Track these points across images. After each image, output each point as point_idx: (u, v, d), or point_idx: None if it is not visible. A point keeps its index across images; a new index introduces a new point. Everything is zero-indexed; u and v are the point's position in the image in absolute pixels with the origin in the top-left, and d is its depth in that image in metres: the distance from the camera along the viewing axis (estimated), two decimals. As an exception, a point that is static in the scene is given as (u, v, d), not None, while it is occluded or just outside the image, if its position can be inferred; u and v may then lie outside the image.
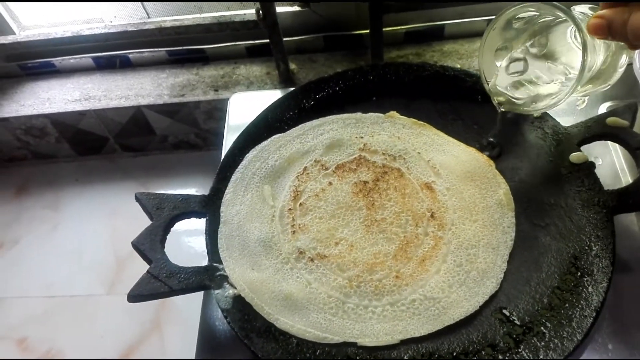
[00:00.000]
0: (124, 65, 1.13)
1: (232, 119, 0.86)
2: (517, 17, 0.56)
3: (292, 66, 1.03)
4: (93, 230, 1.11)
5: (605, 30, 0.46)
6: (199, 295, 0.87)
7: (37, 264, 1.09)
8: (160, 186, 1.12)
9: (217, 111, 1.05)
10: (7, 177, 1.25)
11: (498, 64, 0.60)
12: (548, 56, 0.59)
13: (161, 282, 0.56)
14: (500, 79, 0.61)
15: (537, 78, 0.60)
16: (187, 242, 0.97)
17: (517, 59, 0.60)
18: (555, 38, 0.58)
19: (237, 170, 0.67)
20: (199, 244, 0.65)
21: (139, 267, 0.96)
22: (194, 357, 0.63)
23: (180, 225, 0.64)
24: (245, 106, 0.87)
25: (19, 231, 1.14)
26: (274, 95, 0.89)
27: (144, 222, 1.09)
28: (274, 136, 0.70)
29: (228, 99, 0.91)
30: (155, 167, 1.19)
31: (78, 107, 1.08)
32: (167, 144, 1.17)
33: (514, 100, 0.60)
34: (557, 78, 0.58)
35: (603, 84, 0.57)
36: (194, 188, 1.13)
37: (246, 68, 1.07)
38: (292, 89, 0.77)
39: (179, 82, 1.08)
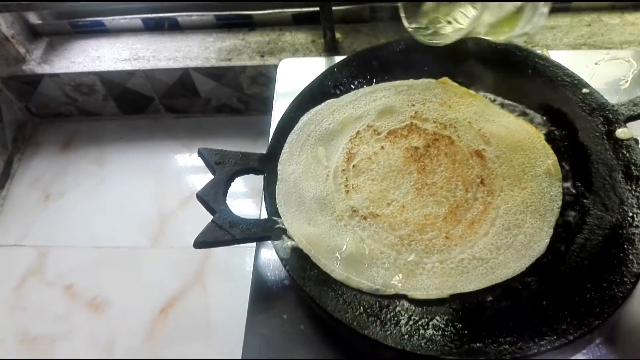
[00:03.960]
0: (172, 27, 1.16)
1: (280, 83, 0.89)
2: None
3: (337, 35, 1.05)
4: (137, 186, 1.15)
5: None
6: (239, 251, 0.92)
7: (83, 216, 1.13)
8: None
9: (261, 77, 1.08)
10: (54, 132, 1.29)
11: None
12: None
13: (225, 231, 0.60)
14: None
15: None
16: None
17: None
18: None
19: (292, 131, 0.71)
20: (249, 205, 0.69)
21: (182, 223, 1.01)
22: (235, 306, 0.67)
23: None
24: (293, 72, 0.90)
25: (65, 184, 1.19)
26: (322, 62, 0.92)
27: (187, 179, 1.14)
28: (327, 101, 0.73)
29: (274, 65, 0.94)
30: (197, 128, 1.23)
31: (127, 66, 1.12)
32: (209, 107, 1.21)
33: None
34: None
35: (528, 25, 0.73)
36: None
37: (291, 35, 1.10)
38: (343, 56, 0.79)
39: (226, 46, 1.10)
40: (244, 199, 1.08)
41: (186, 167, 1.16)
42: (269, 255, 0.69)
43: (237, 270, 0.92)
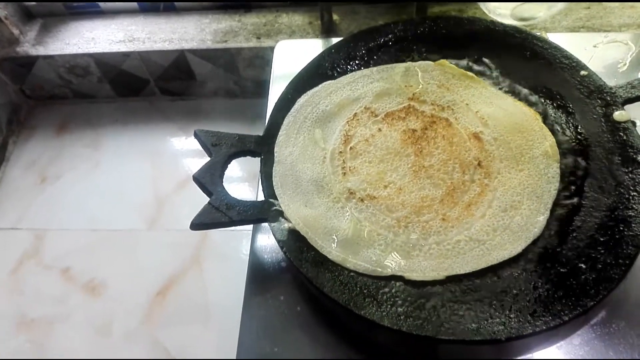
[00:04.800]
0: (168, 9, 1.15)
1: (277, 65, 0.89)
2: None
3: (335, 17, 1.04)
4: (133, 169, 1.15)
5: None
6: (236, 234, 0.92)
7: (79, 199, 1.13)
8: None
9: (258, 59, 1.08)
10: (48, 114, 1.28)
11: None
12: None
13: (222, 213, 0.60)
14: None
15: None
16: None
17: None
18: None
19: (289, 113, 0.70)
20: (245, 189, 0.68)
21: (179, 206, 1.01)
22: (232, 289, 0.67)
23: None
24: (290, 54, 0.90)
25: (61, 167, 1.19)
26: (318, 44, 0.92)
27: (183, 163, 1.14)
28: (325, 82, 0.73)
29: (270, 47, 0.94)
30: (192, 111, 1.22)
31: (122, 48, 1.11)
32: (205, 90, 1.20)
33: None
34: None
35: None
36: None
37: (288, 17, 1.09)
38: (340, 38, 0.79)
39: (222, 28, 1.09)
40: (240, 183, 1.08)
41: (182, 150, 1.16)
42: (266, 238, 0.69)
43: (234, 254, 0.92)
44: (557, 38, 0.78)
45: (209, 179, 0.63)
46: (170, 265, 1.00)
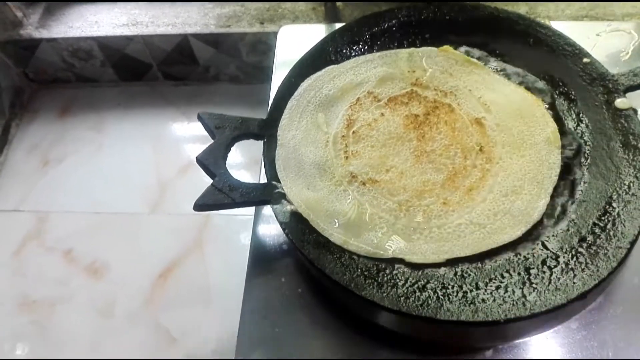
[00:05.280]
0: (171, -7, 1.15)
1: (280, 50, 0.89)
2: None
3: (338, 2, 1.04)
4: (135, 153, 1.15)
5: None
6: (238, 218, 0.93)
7: (82, 182, 1.14)
8: (200, 115, 1.16)
9: (261, 44, 1.08)
10: (51, 98, 1.29)
11: None
12: None
13: (225, 194, 0.60)
14: None
15: None
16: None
17: None
18: None
19: (292, 97, 0.71)
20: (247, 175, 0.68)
21: (181, 190, 1.01)
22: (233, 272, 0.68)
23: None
24: (293, 39, 0.90)
25: (64, 150, 1.19)
26: (322, 29, 0.92)
27: (185, 147, 1.14)
28: (328, 67, 0.73)
29: (274, 32, 0.94)
30: (195, 96, 1.22)
31: (126, 31, 1.11)
32: (208, 75, 1.20)
33: None
34: None
35: None
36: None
37: (292, 2, 1.09)
38: (343, 23, 0.79)
39: (225, 12, 1.09)
40: (242, 168, 1.08)
41: (184, 135, 1.16)
42: (268, 221, 0.69)
43: (236, 238, 0.93)
44: (560, 26, 0.78)
45: (212, 161, 0.63)
46: (172, 249, 1.00)
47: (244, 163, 1.09)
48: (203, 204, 0.60)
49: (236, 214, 0.91)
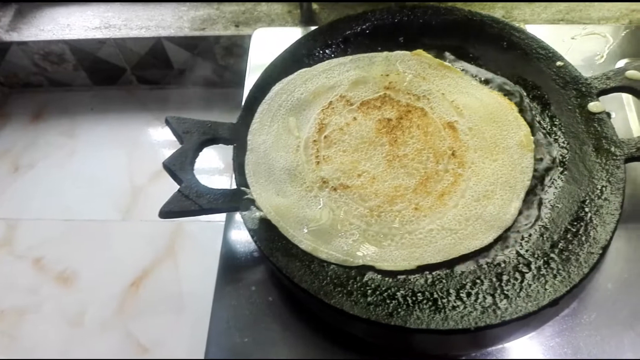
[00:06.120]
0: (145, -5, 1.13)
1: (254, 54, 0.88)
2: None
3: (314, 6, 1.03)
4: (108, 158, 1.13)
5: None
6: (211, 225, 0.91)
7: (53, 188, 1.11)
8: (176, 120, 1.14)
9: (236, 47, 1.06)
10: (23, 102, 1.25)
11: None
12: None
13: (191, 201, 0.59)
14: None
15: None
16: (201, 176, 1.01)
17: None
18: None
19: (263, 101, 0.69)
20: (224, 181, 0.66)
21: (155, 196, 0.99)
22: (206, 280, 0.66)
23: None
24: (268, 42, 0.89)
25: (35, 156, 1.16)
26: (297, 32, 0.91)
27: (159, 152, 1.12)
28: (300, 70, 0.72)
29: (249, 35, 0.92)
30: (170, 101, 1.20)
31: (98, 34, 1.09)
32: (183, 78, 1.18)
33: None
34: None
35: None
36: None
37: (267, 5, 1.07)
38: (317, 26, 0.78)
39: (200, 15, 1.08)
40: (217, 174, 1.06)
41: (159, 140, 1.14)
42: (240, 227, 0.68)
43: (209, 244, 0.90)
44: (536, 30, 0.77)
45: (179, 167, 0.62)
46: (145, 256, 0.98)
47: (220, 169, 1.07)
48: (169, 211, 0.58)
49: (210, 220, 0.90)
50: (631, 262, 0.61)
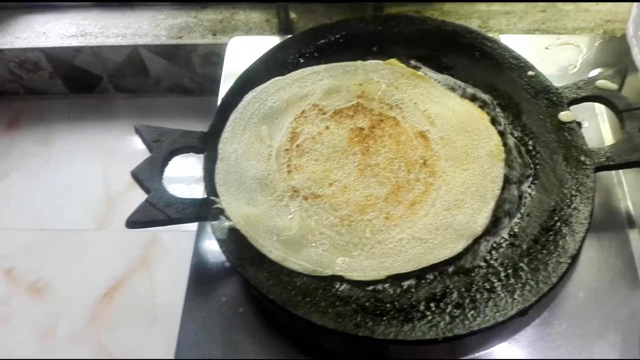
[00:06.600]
0: (122, 3, 1.12)
1: (229, 62, 0.87)
2: None
3: (292, 15, 1.03)
4: (84, 167, 1.11)
5: None
6: (187, 234, 0.90)
7: (27, 197, 1.09)
8: (153, 128, 1.13)
9: (214, 56, 1.05)
10: (-2, 110, 1.24)
11: None
12: None
13: (159, 210, 0.58)
14: None
15: None
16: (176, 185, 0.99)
17: None
18: None
19: (235, 109, 0.69)
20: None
21: (130, 205, 0.97)
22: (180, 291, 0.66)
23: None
24: (244, 51, 0.88)
25: (9, 165, 1.14)
26: (273, 41, 0.90)
27: (136, 161, 1.10)
28: (273, 78, 0.71)
29: (226, 44, 0.92)
30: (147, 109, 1.19)
31: (74, 42, 1.07)
32: (161, 87, 1.17)
33: None
34: None
35: None
36: (187, 132, 1.14)
37: (245, 14, 1.07)
38: (291, 35, 0.78)
39: (177, 23, 1.07)
40: (194, 183, 1.05)
41: (135, 149, 1.12)
42: (211, 237, 0.67)
43: (185, 254, 0.89)
44: (511, 40, 0.78)
45: (147, 176, 0.61)
46: (119, 266, 0.97)
47: (197, 177, 1.06)
48: (135, 221, 0.57)
49: (186, 229, 0.88)
50: (603, 272, 0.61)
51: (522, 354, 0.57)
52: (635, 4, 0.72)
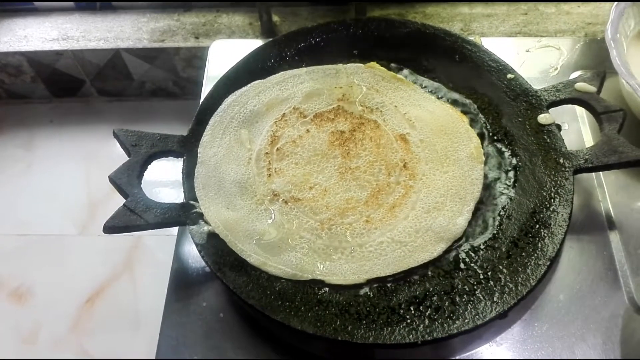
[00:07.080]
0: (104, 7, 1.11)
1: (212, 65, 0.87)
2: None
3: (275, 18, 1.02)
4: (67, 171, 1.10)
5: None
6: (170, 239, 0.89)
7: (9, 202, 1.08)
8: (136, 132, 1.12)
9: (196, 59, 1.05)
10: (-21, 115, 1.23)
11: None
12: None
13: (137, 215, 0.57)
14: None
15: None
16: (159, 189, 0.99)
17: None
18: None
19: (215, 113, 0.68)
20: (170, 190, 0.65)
21: (113, 210, 0.97)
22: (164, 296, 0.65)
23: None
24: (226, 54, 0.88)
25: (-9, 169, 1.14)
26: (255, 45, 0.90)
27: (118, 165, 1.10)
28: (253, 82, 0.71)
29: (209, 47, 0.92)
30: (130, 113, 1.18)
31: (55, 46, 1.07)
32: (144, 90, 1.17)
33: None
34: None
35: None
36: (170, 136, 1.13)
37: (228, 17, 1.07)
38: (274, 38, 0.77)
39: (160, 27, 1.07)
40: (177, 187, 1.04)
41: (118, 153, 1.11)
42: (192, 242, 0.66)
43: (168, 259, 0.88)
44: (492, 43, 0.78)
45: (125, 180, 0.60)
46: (101, 272, 0.96)
47: (179, 182, 1.06)
48: (113, 226, 0.57)
49: (169, 233, 0.87)
50: (583, 274, 0.61)
51: (504, 355, 0.57)
52: (614, 6, 0.73)
